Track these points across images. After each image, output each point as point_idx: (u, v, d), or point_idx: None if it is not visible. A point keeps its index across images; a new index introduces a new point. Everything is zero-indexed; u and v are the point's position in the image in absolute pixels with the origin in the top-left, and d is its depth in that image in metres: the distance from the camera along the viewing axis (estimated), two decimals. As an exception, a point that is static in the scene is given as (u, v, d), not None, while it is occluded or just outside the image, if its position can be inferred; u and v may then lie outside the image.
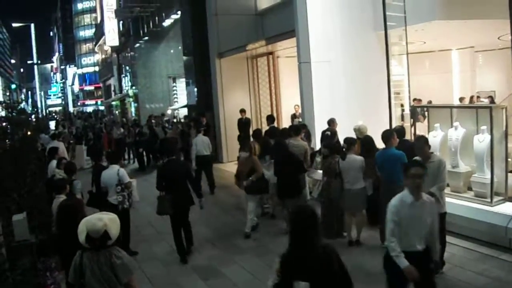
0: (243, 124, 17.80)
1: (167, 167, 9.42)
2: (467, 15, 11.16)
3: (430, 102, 15.35)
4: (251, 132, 15.83)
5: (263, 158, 10.92)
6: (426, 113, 11.13)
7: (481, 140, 9.27)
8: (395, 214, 5.19)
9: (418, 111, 11.36)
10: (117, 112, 51.38)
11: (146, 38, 33.76)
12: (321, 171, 10.02)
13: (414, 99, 14.34)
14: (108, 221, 4.28)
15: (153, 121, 23.15)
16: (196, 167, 14.01)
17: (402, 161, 8.19)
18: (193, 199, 9.16)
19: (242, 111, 18.04)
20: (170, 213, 8.95)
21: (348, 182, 8.93)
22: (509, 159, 9.12)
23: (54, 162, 11.24)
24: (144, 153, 20.95)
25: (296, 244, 4.05)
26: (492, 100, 16.24)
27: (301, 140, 11.10)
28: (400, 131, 9.32)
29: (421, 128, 10.94)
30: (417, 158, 7.52)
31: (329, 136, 11.22)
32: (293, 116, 17.70)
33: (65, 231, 4.64)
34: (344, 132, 10.75)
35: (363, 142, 9.66)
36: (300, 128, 11.51)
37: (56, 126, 30.94)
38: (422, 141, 7.60)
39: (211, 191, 14.44)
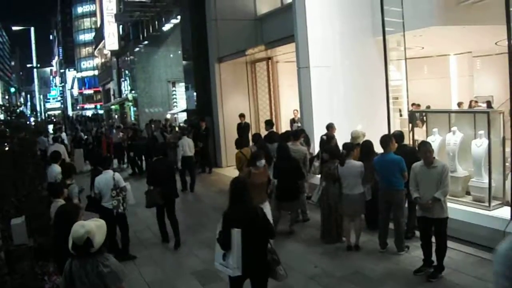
0: (243, 128, 17.80)
1: (156, 164, 10.52)
2: (465, 21, 11.20)
3: (428, 107, 15.39)
4: (250, 137, 15.90)
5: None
6: (424, 118, 11.18)
7: (479, 145, 9.32)
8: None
9: (417, 116, 11.40)
10: (116, 116, 51.38)
11: (146, 42, 33.81)
12: (319, 176, 10.04)
13: (413, 104, 14.38)
14: (93, 227, 4.21)
15: (152, 125, 23.12)
16: (181, 167, 15.48)
17: (400, 166, 8.24)
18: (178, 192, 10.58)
19: (242, 115, 18.08)
20: (160, 203, 10.00)
21: (347, 187, 8.92)
22: (506, 164, 9.14)
23: (55, 166, 11.21)
24: (143, 157, 20.92)
25: (233, 203, 5.79)
26: (489, 105, 16.28)
27: (300, 145, 11.14)
28: (399, 136, 9.34)
29: (419, 133, 10.99)
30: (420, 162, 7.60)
31: (325, 140, 11.23)
32: (292, 121, 17.75)
33: (62, 236, 4.62)
34: (343, 137, 10.77)
35: (362, 147, 9.68)
36: (299, 133, 11.55)
37: (54, 131, 30.79)
38: (428, 145, 7.65)
39: (191, 189, 15.78)
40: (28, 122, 28.99)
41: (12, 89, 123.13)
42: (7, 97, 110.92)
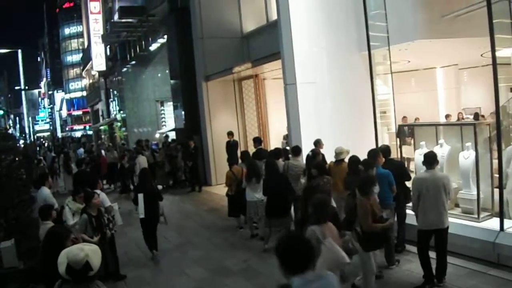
0: (231, 146, 17.80)
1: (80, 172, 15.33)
2: (450, 34, 11.29)
3: (416, 119, 15.47)
4: (239, 155, 15.90)
5: (250, 180, 10.94)
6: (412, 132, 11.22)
7: (466, 157, 9.36)
8: None
9: (406, 132, 11.42)
10: (105, 137, 51.15)
11: (133, 62, 33.69)
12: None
13: (404, 117, 14.44)
14: (89, 251, 4.15)
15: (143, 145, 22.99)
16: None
17: (388, 179, 8.26)
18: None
19: (230, 133, 18.08)
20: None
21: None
22: (494, 175, 9.18)
23: (44, 189, 11.12)
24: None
25: (142, 185, 10.46)
26: (477, 117, 16.39)
27: (300, 160, 11.14)
28: (386, 150, 9.36)
29: (408, 149, 11.05)
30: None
31: (310, 156, 11.25)
32: (285, 137, 17.71)
33: (50, 258, 4.53)
34: (330, 153, 10.77)
35: (349, 162, 9.65)
36: (300, 148, 11.49)
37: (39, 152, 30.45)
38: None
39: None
40: (17, 145, 28.79)
41: (1, 112, 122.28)
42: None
